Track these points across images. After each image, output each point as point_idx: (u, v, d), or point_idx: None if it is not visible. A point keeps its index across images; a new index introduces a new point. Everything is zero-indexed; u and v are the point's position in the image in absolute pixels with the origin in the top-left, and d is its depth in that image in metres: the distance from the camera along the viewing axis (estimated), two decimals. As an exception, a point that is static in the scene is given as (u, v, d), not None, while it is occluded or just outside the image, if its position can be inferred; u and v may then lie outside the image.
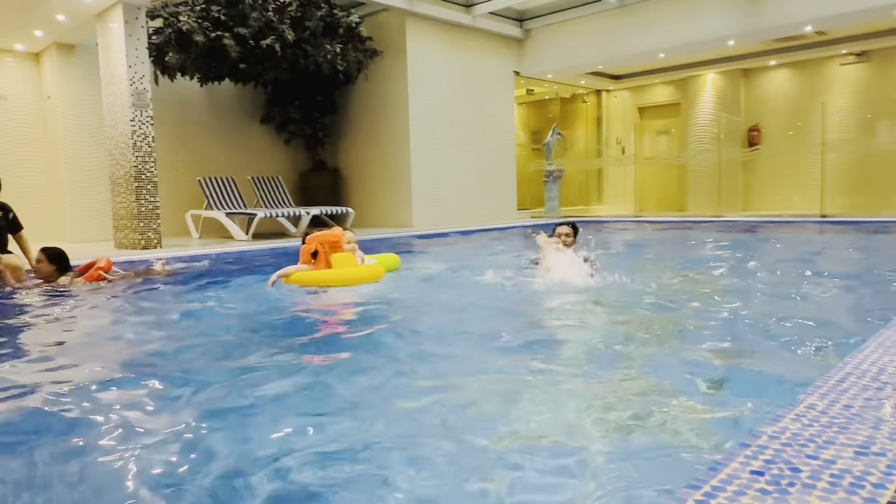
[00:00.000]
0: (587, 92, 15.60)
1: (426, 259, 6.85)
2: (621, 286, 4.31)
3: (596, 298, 4.03)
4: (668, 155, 14.51)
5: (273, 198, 10.35)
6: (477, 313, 3.75)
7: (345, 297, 4.28)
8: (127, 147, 7.61)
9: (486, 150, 12.23)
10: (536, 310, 3.88)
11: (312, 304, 4.10)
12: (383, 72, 11.07)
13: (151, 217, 7.73)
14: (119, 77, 7.59)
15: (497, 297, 4.19)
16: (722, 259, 6.01)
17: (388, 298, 4.25)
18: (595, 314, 3.69)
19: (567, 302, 4.01)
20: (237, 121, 11.21)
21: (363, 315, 3.77)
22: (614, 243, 7.99)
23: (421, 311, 3.86)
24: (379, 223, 11.44)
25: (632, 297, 4.07)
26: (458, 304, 4.00)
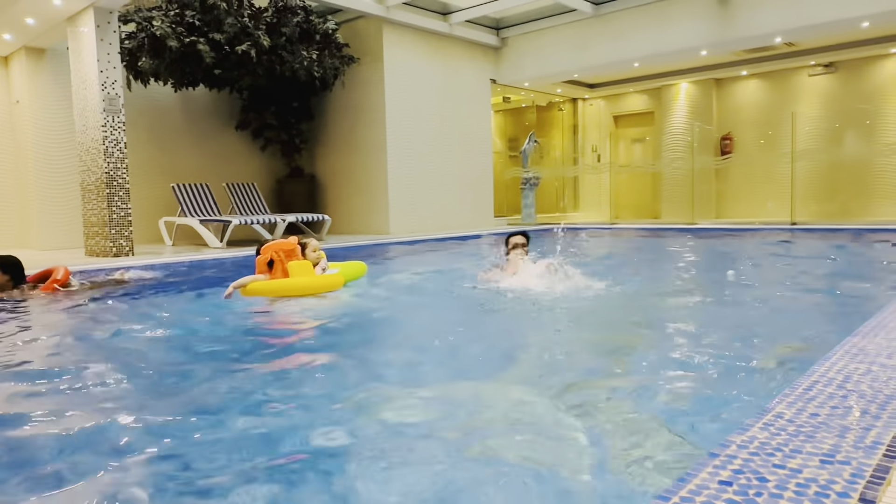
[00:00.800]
0: (563, 100, 15.72)
1: (397, 266, 6.84)
2: (585, 292, 4.34)
3: (562, 305, 4.05)
4: (643, 163, 14.65)
5: (248, 205, 10.27)
6: (439, 321, 3.73)
7: (302, 307, 4.23)
8: (98, 153, 7.48)
9: (463, 158, 12.27)
10: (498, 317, 3.88)
11: (265, 317, 4.04)
12: (360, 79, 11.05)
13: (123, 224, 7.60)
14: (90, 82, 7.47)
15: (461, 303, 4.17)
16: (691, 265, 6.08)
17: (347, 308, 4.20)
18: (563, 322, 3.71)
19: (531, 308, 4.01)
20: (212, 127, 11.11)
21: (321, 328, 3.68)
22: (587, 249, 8.05)
23: (381, 321, 3.81)
24: (356, 230, 11.40)
25: (595, 302, 4.10)
26: (421, 313, 3.97)
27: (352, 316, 4.00)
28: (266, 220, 9.18)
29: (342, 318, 3.94)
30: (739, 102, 13.57)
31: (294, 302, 4.33)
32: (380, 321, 3.82)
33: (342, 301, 4.44)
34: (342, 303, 4.39)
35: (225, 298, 4.33)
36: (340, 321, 3.79)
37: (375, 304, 4.33)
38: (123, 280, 5.40)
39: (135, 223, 9.51)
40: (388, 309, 4.18)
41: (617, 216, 13.41)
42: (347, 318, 3.91)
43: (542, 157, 15.73)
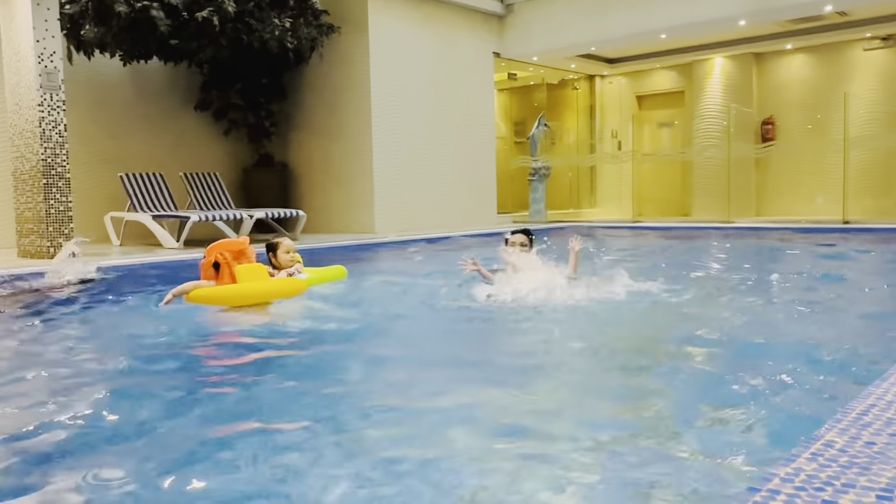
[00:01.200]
0: (578, 77, 15.72)
1: (379, 271, 6.79)
2: (606, 300, 4.36)
3: (569, 316, 4.06)
4: (671, 151, 14.66)
5: (210, 198, 10.25)
6: (417, 340, 3.72)
7: (257, 317, 4.20)
8: (34, 136, 7.47)
9: (462, 144, 12.27)
10: (493, 329, 3.89)
11: (203, 332, 4.01)
12: (341, 51, 11.04)
13: (63, 220, 7.59)
14: (24, 54, 7.45)
15: (446, 314, 4.16)
16: (730, 272, 6.10)
17: (307, 320, 4.16)
18: (572, 336, 3.71)
19: (533, 322, 4.02)
20: (167, 107, 11.08)
21: (271, 343, 3.64)
22: (606, 252, 8.05)
23: (347, 338, 3.76)
24: (335, 228, 11.39)
25: (619, 313, 4.11)
26: (397, 329, 3.96)
27: (310, 333, 3.96)
28: (230, 216, 9.15)
29: (297, 333, 3.92)
30: (783, 81, 13.60)
31: (250, 311, 4.31)
32: (345, 339, 3.75)
33: (304, 311, 4.41)
34: (303, 313, 4.37)
35: (163, 307, 4.31)
36: (293, 337, 3.75)
37: (343, 317, 4.28)
38: (62, 284, 5.35)
39: (76, 219, 9.41)
40: (358, 323, 4.14)
41: (640, 213, 13.43)
42: (304, 335, 3.87)
43: (554, 143, 15.67)
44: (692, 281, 5.61)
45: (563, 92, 15.99)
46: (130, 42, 8.96)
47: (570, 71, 15.32)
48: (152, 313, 4.40)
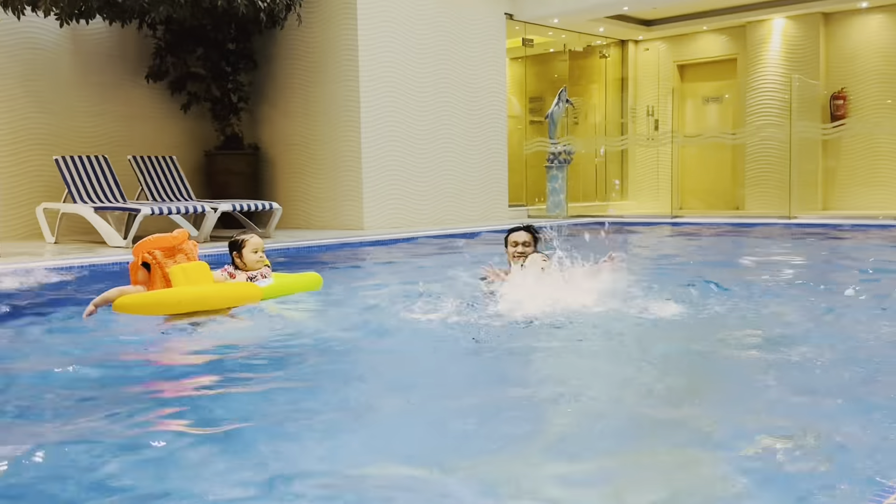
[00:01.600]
0: (607, 43, 15.68)
1: (360, 276, 6.78)
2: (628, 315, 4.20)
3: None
4: (719, 132, 14.60)
5: (164, 187, 10.17)
6: (399, 367, 3.56)
7: (202, 330, 4.15)
8: (-52, 111, 7.29)
9: (467, 124, 12.20)
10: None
11: (132, 348, 3.97)
12: (324, 13, 10.94)
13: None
14: (-63, 10, 7.26)
15: (441, 339, 3.98)
16: (795, 280, 5.91)
17: (264, 336, 4.08)
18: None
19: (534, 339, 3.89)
20: (114, 76, 10.98)
21: (212, 365, 3.56)
22: (635, 251, 7.94)
23: (310, 360, 3.65)
24: (316, 224, 11.30)
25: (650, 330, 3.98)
26: (375, 352, 3.87)
27: (264, 350, 3.84)
28: (190, 208, 9.05)
29: (246, 351, 3.80)
30: (857, 47, 13.50)
31: (196, 321, 4.23)
32: (308, 360, 3.64)
33: (260, 324, 4.33)
34: (259, 326, 4.29)
35: (85, 319, 4.25)
36: (229, 368, 3.58)
37: (307, 340, 4.14)
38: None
39: (2, 211, 9.34)
40: (325, 342, 4.00)
41: (682, 206, 13.34)
42: (255, 356, 3.74)
43: (577, 122, 15.64)
44: (749, 291, 5.39)
45: (589, 61, 15.94)
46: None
47: (598, 35, 15.28)
48: (73, 328, 4.29)
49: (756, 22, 14.02)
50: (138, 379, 3.41)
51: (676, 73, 15.48)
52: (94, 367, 3.53)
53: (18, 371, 3.55)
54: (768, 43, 13.99)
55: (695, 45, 15.21)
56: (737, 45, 14.62)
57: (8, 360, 3.75)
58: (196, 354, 3.84)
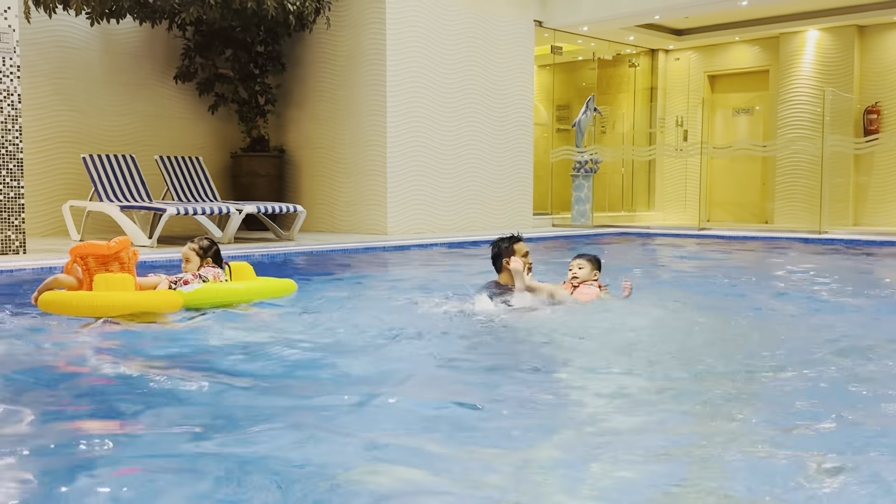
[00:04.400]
0: (637, 52, 15.61)
1: (356, 281, 6.71)
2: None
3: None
4: (749, 144, 14.48)
5: (190, 187, 10.23)
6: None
7: (136, 333, 4.21)
8: (-20, 108, 7.44)
9: (493, 131, 12.20)
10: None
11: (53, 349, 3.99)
12: (352, 16, 11.00)
13: (14, 209, 7.56)
14: (-27, 7, 7.42)
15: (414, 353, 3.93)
16: (820, 302, 5.86)
17: (195, 345, 4.04)
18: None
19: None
20: (142, 76, 11.10)
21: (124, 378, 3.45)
22: (657, 267, 7.89)
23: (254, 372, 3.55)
24: (340, 227, 11.34)
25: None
26: (330, 363, 3.70)
27: (193, 359, 3.77)
28: (214, 209, 9.10)
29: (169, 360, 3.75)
30: (893, 60, 13.35)
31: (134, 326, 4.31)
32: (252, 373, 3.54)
33: (196, 331, 4.34)
34: (194, 334, 4.30)
35: (34, 304, 4.53)
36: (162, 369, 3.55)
37: (256, 341, 4.11)
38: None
39: (29, 208, 9.46)
40: (279, 354, 3.89)
41: (709, 218, 13.25)
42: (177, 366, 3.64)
43: (605, 131, 15.58)
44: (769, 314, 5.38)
45: (618, 70, 15.88)
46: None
47: (628, 44, 15.20)
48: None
49: (789, 33, 13.89)
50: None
51: (707, 83, 15.38)
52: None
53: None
54: (801, 55, 13.87)
55: (726, 56, 15.11)
56: (769, 56, 14.51)
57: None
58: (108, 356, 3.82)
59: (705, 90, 15.30)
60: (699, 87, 15.36)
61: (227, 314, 4.73)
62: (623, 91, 15.95)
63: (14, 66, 7.52)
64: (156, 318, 4.52)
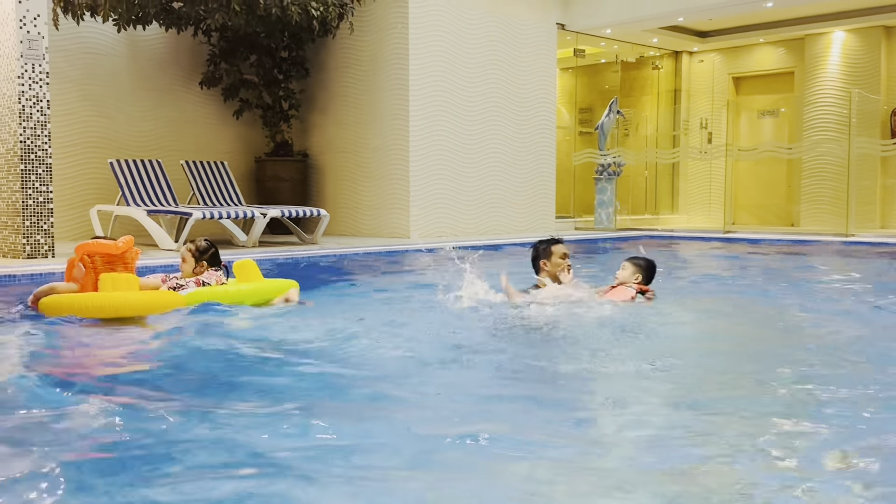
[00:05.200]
0: (661, 54, 15.56)
1: (365, 285, 6.72)
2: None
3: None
4: (774, 146, 14.38)
5: (215, 192, 10.31)
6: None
7: (139, 335, 4.25)
8: (11, 114, 7.55)
9: (516, 134, 12.21)
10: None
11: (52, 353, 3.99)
12: (375, 21, 11.05)
13: (42, 213, 7.65)
14: (4, 16, 7.54)
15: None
16: (847, 307, 5.81)
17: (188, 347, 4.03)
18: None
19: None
20: (168, 82, 11.20)
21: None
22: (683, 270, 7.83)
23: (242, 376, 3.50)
24: (363, 231, 11.38)
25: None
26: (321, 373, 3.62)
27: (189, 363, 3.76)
28: (239, 213, 9.17)
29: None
30: (919, 61, 13.23)
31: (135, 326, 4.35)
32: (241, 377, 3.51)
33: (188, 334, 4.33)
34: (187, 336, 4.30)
35: (30, 308, 4.52)
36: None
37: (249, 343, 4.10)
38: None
39: (58, 213, 9.58)
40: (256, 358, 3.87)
41: (734, 221, 13.17)
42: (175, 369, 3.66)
43: (628, 134, 15.54)
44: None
45: (641, 72, 15.84)
46: (127, 4, 9.02)
47: (651, 46, 15.16)
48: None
49: (815, 35, 13.78)
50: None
51: (731, 85, 15.29)
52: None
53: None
54: (827, 56, 13.75)
55: (751, 58, 15.02)
56: (794, 57, 14.39)
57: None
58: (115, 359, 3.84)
59: (730, 92, 15.22)
60: (723, 89, 15.28)
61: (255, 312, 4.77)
62: (646, 93, 15.90)
63: (43, 72, 7.63)
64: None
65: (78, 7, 9.01)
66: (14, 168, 7.58)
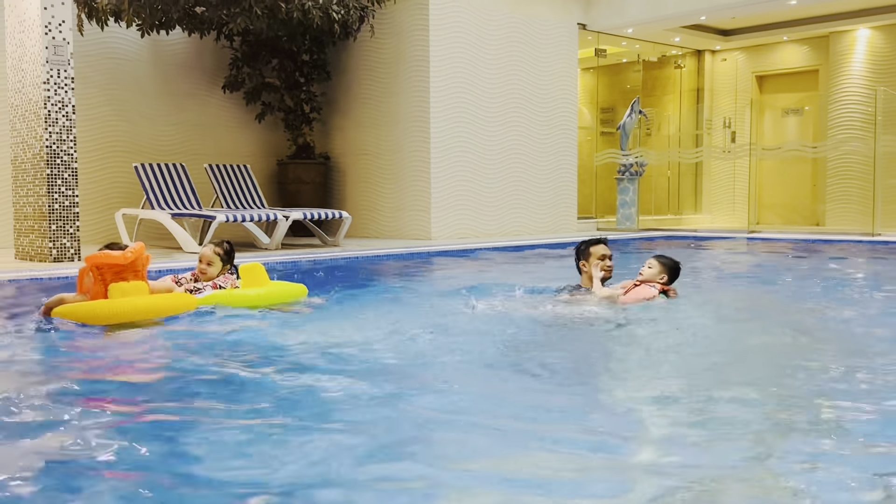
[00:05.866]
0: (683, 53, 15.49)
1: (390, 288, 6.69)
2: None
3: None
4: (799, 145, 14.27)
5: (238, 195, 10.38)
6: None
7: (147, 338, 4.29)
8: (37, 119, 7.64)
9: (537, 134, 12.20)
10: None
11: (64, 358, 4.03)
12: (396, 24, 11.09)
13: (68, 217, 7.73)
14: (30, 23, 7.64)
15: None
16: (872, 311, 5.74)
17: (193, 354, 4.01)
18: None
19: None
20: (191, 86, 11.30)
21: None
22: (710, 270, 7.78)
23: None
24: (385, 233, 11.42)
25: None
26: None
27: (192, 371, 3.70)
28: (262, 216, 9.22)
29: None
30: (946, 58, 13.08)
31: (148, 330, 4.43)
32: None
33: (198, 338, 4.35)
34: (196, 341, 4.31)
35: (43, 317, 4.60)
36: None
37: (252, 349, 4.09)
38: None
39: (83, 216, 9.68)
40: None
41: (759, 221, 13.09)
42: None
43: (650, 134, 15.48)
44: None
45: (664, 71, 15.78)
46: (150, 10, 9.12)
47: (674, 45, 15.09)
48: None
49: (839, 32, 13.67)
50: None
51: (755, 84, 15.18)
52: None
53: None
54: (852, 54, 13.63)
55: (774, 56, 14.91)
56: (819, 55, 14.28)
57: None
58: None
59: (753, 91, 15.11)
60: (747, 87, 15.18)
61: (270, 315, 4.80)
62: (668, 93, 15.83)
63: (68, 77, 7.72)
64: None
65: (102, 13, 9.11)
66: (40, 172, 7.68)
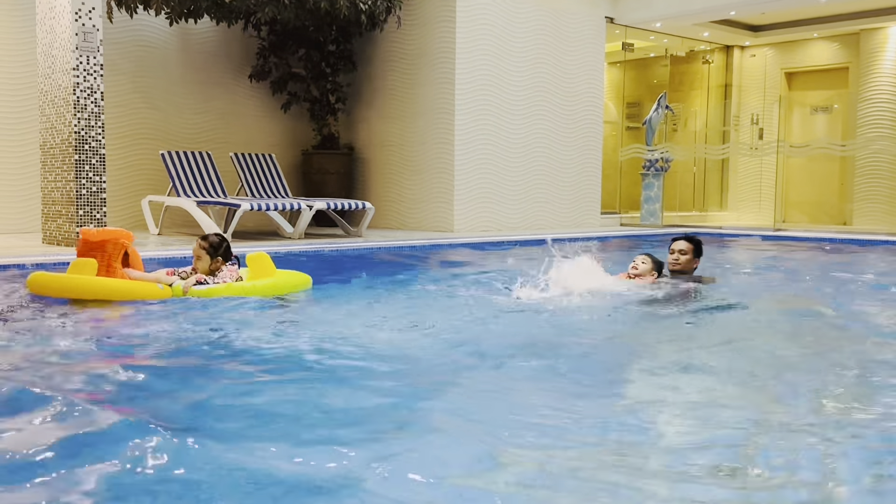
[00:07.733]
0: (711, 48, 15.37)
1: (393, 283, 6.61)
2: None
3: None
4: (828, 143, 14.12)
5: (263, 184, 10.42)
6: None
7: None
8: (66, 105, 7.71)
9: (562, 128, 12.15)
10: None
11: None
12: (422, 16, 11.08)
13: (95, 203, 7.81)
14: (60, 9, 7.70)
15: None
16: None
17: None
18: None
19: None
20: (218, 75, 11.36)
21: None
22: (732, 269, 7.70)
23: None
24: (408, 224, 11.43)
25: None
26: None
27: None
28: (287, 205, 9.26)
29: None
30: (980, 57, 12.90)
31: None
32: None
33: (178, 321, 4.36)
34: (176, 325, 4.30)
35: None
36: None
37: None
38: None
39: (110, 202, 9.77)
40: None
41: (785, 219, 12.98)
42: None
43: (676, 129, 15.36)
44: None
45: (691, 66, 15.66)
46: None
47: (702, 40, 14.96)
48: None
49: (871, 29, 13.49)
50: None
51: (784, 80, 15.03)
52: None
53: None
54: (883, 52, 13.46)
55: (804, 53, 14.75)
56: (849, 53, 14.11)
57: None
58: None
59: (782, 87, 14.97)
60: (776, 84, 15.04)
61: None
62: (696, 88, 15.70)
63: (98, 64, 7.78)
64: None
65: (131, 1, 9.16)
66: (69, 158, 7.75)
